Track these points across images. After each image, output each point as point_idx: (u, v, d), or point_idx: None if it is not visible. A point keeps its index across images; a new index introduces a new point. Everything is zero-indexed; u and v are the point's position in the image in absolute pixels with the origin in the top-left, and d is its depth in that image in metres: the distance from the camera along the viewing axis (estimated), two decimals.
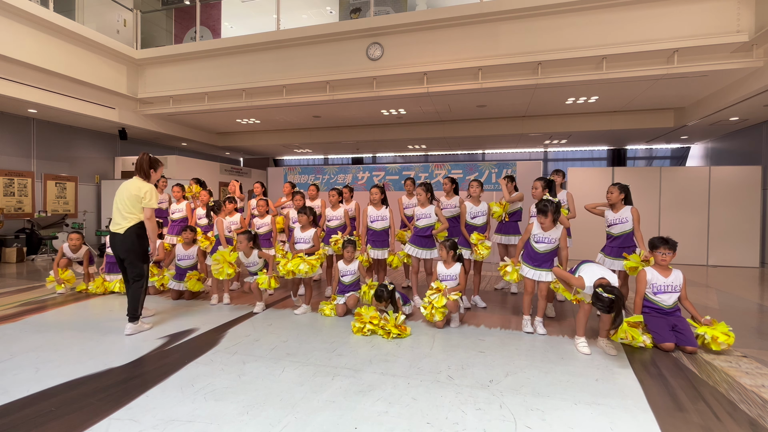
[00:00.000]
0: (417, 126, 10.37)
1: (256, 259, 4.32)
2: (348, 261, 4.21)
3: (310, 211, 4.33)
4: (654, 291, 3.41)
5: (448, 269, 3.87)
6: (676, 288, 3.38)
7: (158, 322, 3.90)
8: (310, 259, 4.12)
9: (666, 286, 3.38)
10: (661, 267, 3.43)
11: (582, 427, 2.10)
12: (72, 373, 2.71)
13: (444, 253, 3.89)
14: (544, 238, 3.58)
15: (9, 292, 5.13)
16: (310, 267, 4.07)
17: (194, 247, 4.91)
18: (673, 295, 3.38)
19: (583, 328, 3.27)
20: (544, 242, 3.59)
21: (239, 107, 8.38)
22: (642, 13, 5.84)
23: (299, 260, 4.09)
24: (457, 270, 3.84)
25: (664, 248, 3.40)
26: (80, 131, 9.65)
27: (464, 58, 6.65)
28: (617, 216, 3.97)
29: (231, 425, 2.07)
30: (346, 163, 15.20)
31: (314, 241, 4.28)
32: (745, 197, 7.96)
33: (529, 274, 3.63)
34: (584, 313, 3.25)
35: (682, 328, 3.25)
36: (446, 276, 3.87)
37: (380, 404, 2.30)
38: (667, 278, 3.39)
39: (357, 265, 4.21)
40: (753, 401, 2.41)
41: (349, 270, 4.20)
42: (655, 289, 3.41)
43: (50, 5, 6.96)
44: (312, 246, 4.29)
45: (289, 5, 8.81)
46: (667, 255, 3.38)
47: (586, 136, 10.31)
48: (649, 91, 7.24)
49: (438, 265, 3.97)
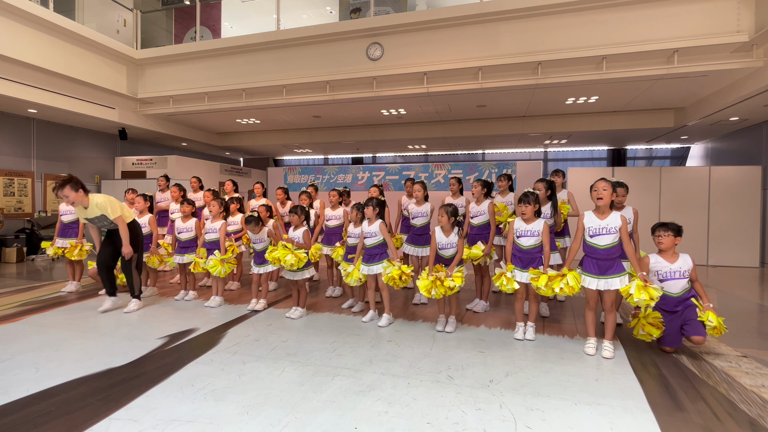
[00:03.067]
0: (417, 126, 10.37)
1: (264, 236, 4.36)
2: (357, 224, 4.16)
3: (302, 210, 4.26)
4: (660, 278, 3.20)
5: (448, 237, 3.71)
6: (684, 274, 3.16)
7: (158, 322, 3.90)
8: (299, 252, 4.02)
9: (673, 273, 3.17)
10: (666, 253, 3.21)
11: (582, 427, 2.10)
12: (72, 373, 2.71)
13: (445, 219, 3.70)
14: (527, 231, 3.42)
15: (9, 292, 5.13)
16: (297, 260, 3.97)
17: (192, 220, 4.89)
18: (680, 282, 3.17)
19: (593, 329, 3.22)
20: (526, 236, 3.43)
21: (239, 107, 8.38)
22: (642, 13, 5.84)
23: (287, 251, 4.00)
24: (455, 239, 3.70)
25: (661, 230, 3.21)
26: (80, 131, 9.65)
27: (464, 58, 6.65)
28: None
29: (231, 425, 2.07)
30: (346, 163, 15.20)
31: (304, 239, 4.19)
32: (745, 197, 7.96)
33: (518, 278, 3.44)
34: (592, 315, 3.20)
35: (689, 317, 3.09)
36: (446, 245, 3.71)
37: (380, 404, 2.30)
38: (673, 264, 3.18)
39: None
40: (753, 401, 2.41)
41: (369, 231, 4.00)
42: (661, 276, 3.19)
43: (50, 5, 6.96)
44: (303, 244, 4.19)
45: (289, 5, 8.82)
46: (663, 237, 3.18)
47: (586, 136, 10.32)
48: (649, 91, 7.24)
49: (436, 232, 3.76)
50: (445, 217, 3.70)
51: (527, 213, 3.41)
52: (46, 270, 6.90)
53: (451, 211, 3.70)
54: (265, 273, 4.42)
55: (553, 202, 4.07)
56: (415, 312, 4.31)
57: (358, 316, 4.09)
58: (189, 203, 4.91)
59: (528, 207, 3.39)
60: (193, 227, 4.87)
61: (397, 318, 4.07)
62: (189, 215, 4.91)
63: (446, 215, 3.69)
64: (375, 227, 3.92)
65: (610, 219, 3.10)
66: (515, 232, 3.51)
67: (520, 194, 3.54)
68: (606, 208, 3.13)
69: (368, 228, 3.96)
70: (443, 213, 3.71)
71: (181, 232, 4.86)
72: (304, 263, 4.07)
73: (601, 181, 3.15)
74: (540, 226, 3.41)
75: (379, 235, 3.92)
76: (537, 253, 3.43)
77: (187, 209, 4.87)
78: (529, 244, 3.43)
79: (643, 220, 7.78)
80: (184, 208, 4.86)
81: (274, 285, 5.35)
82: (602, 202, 3.10)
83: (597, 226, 3.12)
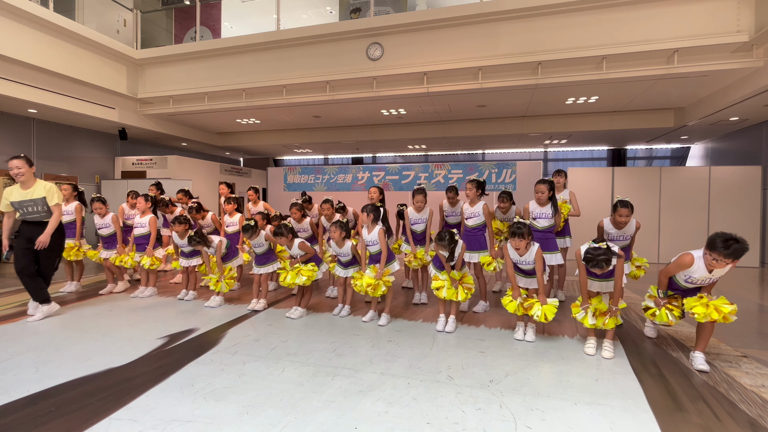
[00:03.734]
0: (417, 126, 10.37)
1: (262, 240, 4.35)
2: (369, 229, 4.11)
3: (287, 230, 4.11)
4: (685, 280, 3.00)
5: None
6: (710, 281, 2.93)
7: (158, 322, 3.90)
8: (306, 269, 4.09)
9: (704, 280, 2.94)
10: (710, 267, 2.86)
11: (582, 427, 2.10)
12: (72, 373, 2.71)
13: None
14: (523, 261, 3.41)
15: (9, 292, 5.13)
16: (308, 278, 4.07)
17: None
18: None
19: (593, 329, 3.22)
20: (523, 264, 3.43)
21: (239, 107, 8.38)
22: (642, 13, 5.84)
23: (294, 274, 4.07)
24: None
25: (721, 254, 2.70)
26: (80, 131, 9.65)
27: (464, 58, 6.65)
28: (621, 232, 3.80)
29: (231, 425, 2.07)
30: (346, 163, 15.20)
31: (303, 249, 4.16)
32: (745, 197, 7.96)
33: (521, 283, 3.49)
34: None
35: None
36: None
37: (380, 404, 2.30)
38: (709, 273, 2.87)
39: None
40: (753, 401, 2.41)
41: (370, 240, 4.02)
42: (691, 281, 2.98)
43: (50, 5, 6.96)
44: (305, 254, 4.18)
45: (289, 5, 8.82)
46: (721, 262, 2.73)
47: (586, 136, 10.32)
48: (649, 91, 7.24)
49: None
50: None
51: (521, 247, 3.33)
52: None
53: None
54: (266, 273, 4.43)
55: (554, 202, 4.08)
56: (415, 312, 4.31)
57: (359, 316, 4.09)
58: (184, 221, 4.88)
59: (522, 242, 3.29)
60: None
61: (397, 318, 4.07)
62: (184, 233, 4.89)
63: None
64: (374, 235, 3.94)
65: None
66: (512, 260, 3.48)
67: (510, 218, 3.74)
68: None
69: (368, 236, 4.00)
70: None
71: (184, 246, 4.86)
72: (317, 273, 4.13)
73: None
74: (532, 256, 3.36)
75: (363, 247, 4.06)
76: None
77: (181, 228, 4.84)
78: (528, 268, 3.46)
79: (643, 220, 7.80)
80: (177, 227, 4.83)
81: (274, 285, 5.35)
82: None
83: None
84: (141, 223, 5.01)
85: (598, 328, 3.15)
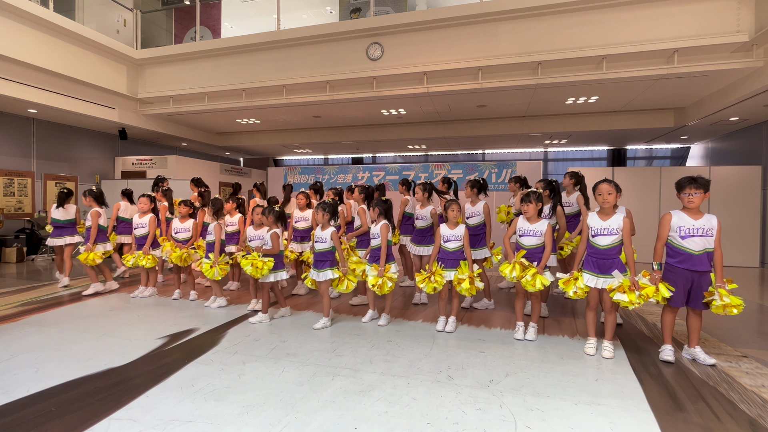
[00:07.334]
0: (417, 126, 10.37)
1: (263, 233, 4.15)
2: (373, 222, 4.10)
3: (270, 212, 4.07)
4: (681, 235, 2.99)
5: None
6: (708, 233, 2.94)
7: (158, 322, 3.90)
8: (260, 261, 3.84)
9: (696, 230, 2.96)
10: (690, 210, 3.00)
11: (582, 427, 2.10)
12: (72, 373, 2.71)
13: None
14: (530, 230, 3.44)
15: (9, 292, 5.13)
16: (254, 269, 3.80)
17: (190, 221, 4.91)
18: (703, 240, 2.94)
19: (593, 329, 3.21)
20: (528, 235, 3.45)
21: (239, 107, 8.38)
22: (642, 13, 5.84)
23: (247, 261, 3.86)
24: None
25: (691, 188, 2.95)
26: (80, 131, 9.64)
27: (464, 58, 6.65)
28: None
29: (231, 425, 2.07)
30: (346, 163, 15.20)
31: (272, 241, 4.01)
32: (745, 197, 7.95)
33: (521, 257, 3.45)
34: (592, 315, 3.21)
35: (698, 288, 2.96)
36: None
37: (380, 404, 2.30)
38: (696, 221, 2.97)
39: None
40: (753, 401, 2.41)
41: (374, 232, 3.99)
42: (683, 232, 2.98)
43: (50, 5, 6.96)
44: (269, 247, 3.99)
45: (289, 5, 8.81)
46: (694, 196, 2.94)
47: (586, 136, 10.32)
48: (649, 91, 7.24)
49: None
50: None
51: (530, 212, 3.43)
52: (46, 270, 6.90)
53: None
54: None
55: (554, 203, 4.06)
56: (415, 312, 4.31)
57: (359, 316, 4.09)
58: (187, 205, 4.93)
59: (530, 206, 3.42)
60: (190, 227, 4.89)
61: (397, 318, 4.07)
62: (186, 216, 4.93)
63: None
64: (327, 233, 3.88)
65: (612, 220, 3.13)
66: (518, 231, 3.53)
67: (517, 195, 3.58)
68: (610, 210, 3.17)
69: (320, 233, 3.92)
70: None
71: (178, 232, 4.88)
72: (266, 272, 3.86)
73: (604, 183, 3.17)
74: (543, 227, 3.42)
75: (329, 242, 3.89)
76: (539, 254, 3.43)
77: (184, 210, 4.90)
78: (530, 243, 3.44)
79: (643, 220, 7.79)
80: (181, 209, 4.90)
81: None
82: (606, 204, 3.15)
83: (599, 227, 3.15)
84: (141, 223, 5.02)
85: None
